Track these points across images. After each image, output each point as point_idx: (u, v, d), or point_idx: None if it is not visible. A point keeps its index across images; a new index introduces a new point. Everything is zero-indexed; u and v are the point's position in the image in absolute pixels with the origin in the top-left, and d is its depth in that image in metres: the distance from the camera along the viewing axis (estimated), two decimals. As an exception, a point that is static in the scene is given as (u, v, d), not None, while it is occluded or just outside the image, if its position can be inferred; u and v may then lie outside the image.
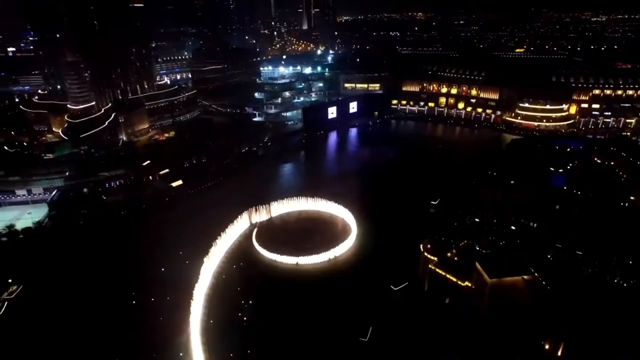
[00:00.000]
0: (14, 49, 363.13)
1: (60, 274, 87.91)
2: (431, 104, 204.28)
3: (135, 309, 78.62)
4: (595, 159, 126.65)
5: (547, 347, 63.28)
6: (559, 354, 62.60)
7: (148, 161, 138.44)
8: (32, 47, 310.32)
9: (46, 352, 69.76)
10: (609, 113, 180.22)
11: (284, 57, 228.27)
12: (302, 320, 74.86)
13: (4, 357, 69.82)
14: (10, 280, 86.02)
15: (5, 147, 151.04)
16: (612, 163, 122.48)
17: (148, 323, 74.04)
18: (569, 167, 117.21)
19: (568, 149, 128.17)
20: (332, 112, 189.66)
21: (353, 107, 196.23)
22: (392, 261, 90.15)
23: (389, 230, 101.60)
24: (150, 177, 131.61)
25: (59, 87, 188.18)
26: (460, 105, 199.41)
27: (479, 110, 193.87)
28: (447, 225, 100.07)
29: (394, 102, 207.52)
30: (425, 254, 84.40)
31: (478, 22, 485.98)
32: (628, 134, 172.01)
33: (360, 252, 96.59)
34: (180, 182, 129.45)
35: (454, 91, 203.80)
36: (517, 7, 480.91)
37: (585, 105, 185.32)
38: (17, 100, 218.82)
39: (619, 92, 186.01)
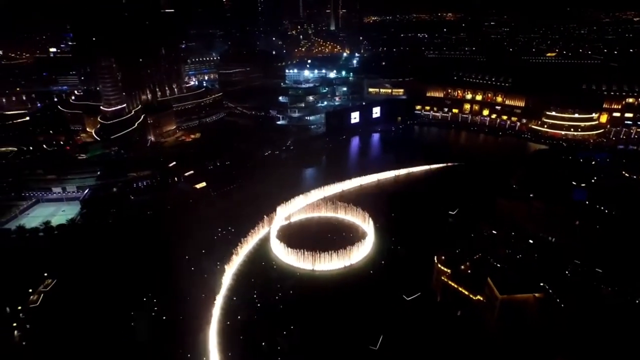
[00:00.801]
0: (55, 50, 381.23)
1: (89, 270, 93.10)
2: (455, 110, 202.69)
3: (156, 309, 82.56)
4: (624, 172, 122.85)
5: (556, 366, 63.18)
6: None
7: (174, 162, 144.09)
8: (70, 48, 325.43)
9: (76, 341, 74.61)
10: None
11: (309, 61, 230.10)
12: (313, 325, 77.11)
13: (42, 344, 75.37)
14: (45, 274, 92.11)
15: (44, 146, 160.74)
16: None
17: (167, 321, 78.48)
18: (592, 181, 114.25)
19: (593, 162, 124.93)
20: (354, 117, 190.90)
21: (376, 112, 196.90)
22: (406, 270, 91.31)
23: (406, 238, 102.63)
24: (176, 178, 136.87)
25: (93, 87, 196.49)
26: (485, 112, 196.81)
27: (504, 117, 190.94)
28: (464, 236, 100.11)
29: (418, 107, 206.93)
30: (439, 265, 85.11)
31: (510, 23, 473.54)
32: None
33: (375, 260, 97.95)
34: (203, 184, 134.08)
35: (478, 97, 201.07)
36: (552, 7, 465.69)
37: (617, 114, 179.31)
38: (55, 99, 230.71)
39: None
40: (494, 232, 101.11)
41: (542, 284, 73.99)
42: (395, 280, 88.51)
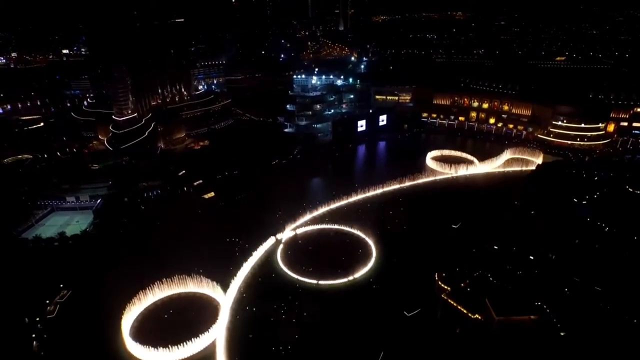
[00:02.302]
0: (67, 51, 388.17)
1: (102, 281, 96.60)
2: (461, 118, 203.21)
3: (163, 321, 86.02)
4: (627, 187, 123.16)
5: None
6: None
7: (183, 171, 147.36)
8: (84, 51, 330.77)
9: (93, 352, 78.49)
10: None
11: (316, 69, 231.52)
12: (314, 340, 79.83)
13: (60, 355, 79.02)
14: (61, 285, 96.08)
15: (58, 153, 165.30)
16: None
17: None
18: (595, 197, 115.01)
19: (596, 177, 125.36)
20: (361, 125, 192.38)
21: (383, 119, 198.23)
22: (408, 285, 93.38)
23: (408, 253, 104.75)
24: (185, 188, 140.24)
25: (104, 91, 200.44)
26: (491, 120, 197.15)
27: (510, 126, 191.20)
28: (465, 251, 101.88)
29: (424, 115, 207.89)
30: (439, 282, 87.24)
31: (521, 22, 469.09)
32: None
33: (377, 274, 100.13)
34: (212, 194, 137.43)
35: (485, 106, 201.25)
36: (565, 5, 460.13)
37: (625, 124, 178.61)
38: (68, 105, 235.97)
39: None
40: (495, 247, 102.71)
41: (539, 304, 75.70)
42: (396, 296, 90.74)
